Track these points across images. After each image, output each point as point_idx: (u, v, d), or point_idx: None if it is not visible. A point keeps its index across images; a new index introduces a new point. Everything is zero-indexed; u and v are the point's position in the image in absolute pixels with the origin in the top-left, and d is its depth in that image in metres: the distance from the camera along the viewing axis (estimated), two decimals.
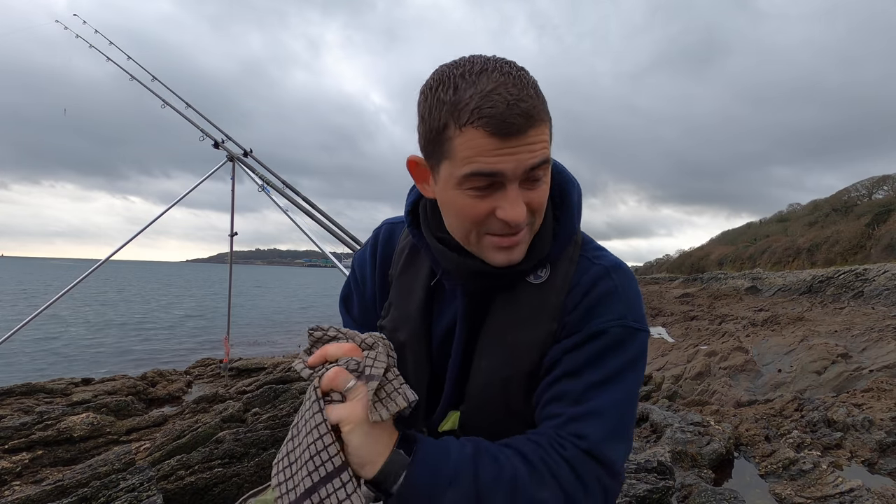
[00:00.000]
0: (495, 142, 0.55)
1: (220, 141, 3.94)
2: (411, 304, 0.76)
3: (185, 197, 4.06)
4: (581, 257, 0.71)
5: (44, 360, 8.84)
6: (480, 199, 0.59)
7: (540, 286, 0.68)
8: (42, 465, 2.51)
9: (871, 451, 3.13)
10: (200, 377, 4.91)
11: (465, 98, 0.56)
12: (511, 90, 0.55)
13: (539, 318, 0.67)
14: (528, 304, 0.68)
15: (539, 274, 0.69)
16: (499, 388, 0.68)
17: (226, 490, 2.01)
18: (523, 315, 0.68)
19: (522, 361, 0.67)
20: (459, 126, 0.56)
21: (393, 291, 0.80)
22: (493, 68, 0.57)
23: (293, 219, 3.57)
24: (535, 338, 0.67)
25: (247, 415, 2.98)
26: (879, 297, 12.63)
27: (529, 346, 0.66)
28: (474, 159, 0.56)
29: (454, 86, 0.57)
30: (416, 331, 0.75)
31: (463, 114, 0.56)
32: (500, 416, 0.69)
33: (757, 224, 45.53)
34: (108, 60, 3.96)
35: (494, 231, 0.62)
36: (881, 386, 4.37)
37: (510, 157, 0.56)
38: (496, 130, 0.55)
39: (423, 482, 0.55)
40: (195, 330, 14.00)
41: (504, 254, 0.63)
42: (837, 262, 21.56)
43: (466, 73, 0.57)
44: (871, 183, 31.70)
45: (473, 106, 0.55)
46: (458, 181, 0.59)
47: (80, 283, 3.62)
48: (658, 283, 34.64)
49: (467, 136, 0.56)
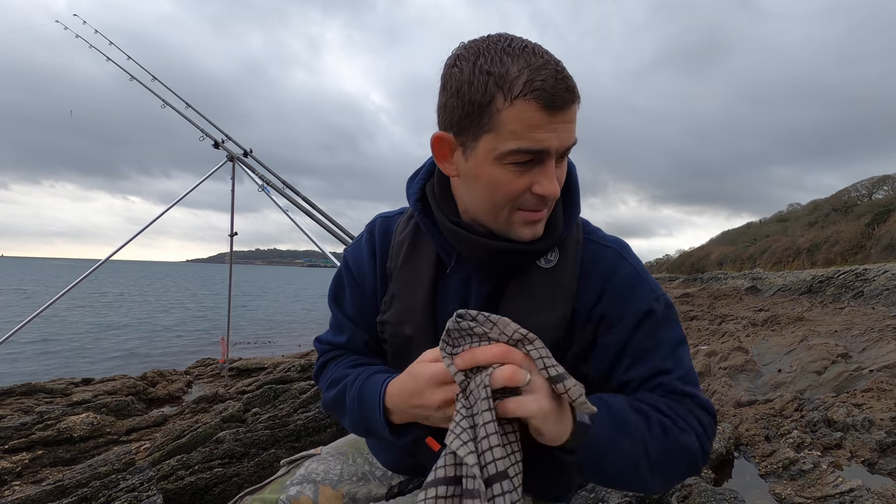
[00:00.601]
0: (545, 116, 0.56)
1: (220, 141, 3.94)
2: (416, 296, 0.75)
3: (186, 197, 4.07)
4: (586, 240, 0.73)
5: (44, 360, 8.83)
6: (521, 174, 0.60)
7: (551, 270, 0.70)
8: (42, 465, 2.51)
9: (871, 451, 3.13)
10: (200, 377, 4.91)
11: (513, 71, 0.55)
12: (558, 66, 0.57)
13: (554, 302, 0.69)
14: (541, 288, 0.69)
15: (549, 258, 0.70)
16: None
17: (226, 490, 2.01)
18: (538, 299, 0.69)
19: None
20: (511, 98, 0.56)
21: (395, 284, 0.78)
22: (533, 45, 0.58)
23: (293, 219, 3.57)
24: (550, 321, 0.68)
25: (247, 415, 2.98)
26: (879, 297, 12.62)
27: (546, 330, 0.67)
28: (524, 134, 0.57)
29: (500, 58, 0.56)
30: (422, 323, 0.74)
31: (515, 85, 0.55)
32: None
33: (757, 224, 45.51)
34: (108, 60, 3.96)
35: (527, 206, 0.63)
36: (881, 386, 4.36)
37: (555, 133, 0.57)
38: (548, 104, 0.55)
39: (603, 437, 0.60)
40: (195, 330, 14.00)
41: (531, 228, 0.66)
42: (837, 262, 21.55)
43: (509, 48, 0.57)
44: (871, 183, 31.67)
45: (526, 78, 0.55)
46: (501, 155, 0.59)
47: (80, 283, 3.63)
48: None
49: (518, 109, 0.56)
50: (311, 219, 3.75)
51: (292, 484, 0.83)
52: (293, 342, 11.77)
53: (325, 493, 0.82)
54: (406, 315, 0.76)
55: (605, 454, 0.60)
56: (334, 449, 0.93)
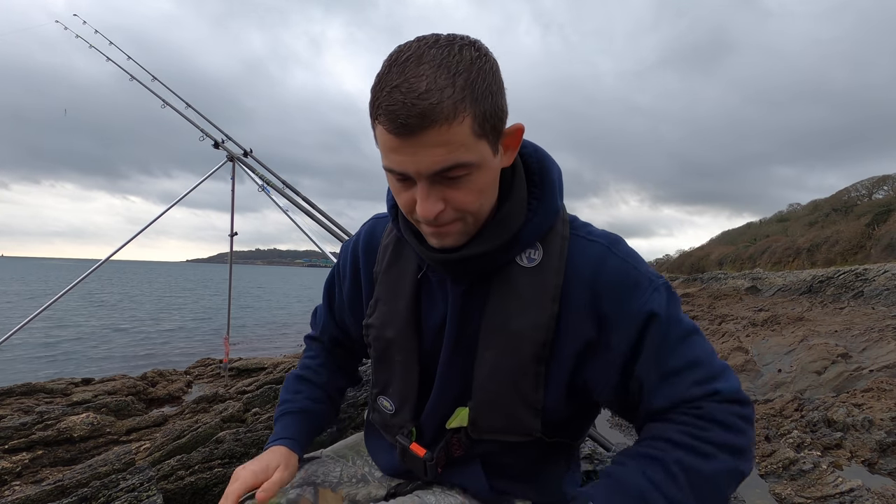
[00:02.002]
0: (395, 140, 0.54)
1: (220, 141, 3.94)
2: (399, 299, 0.75)
3: (186, 197, 4.06)
4: (573, 235, 0.69)
5: (44, 360, 8.84)
6: (405, 189, 0.60)
7: (535, 269, 0.67)
8: (42, 465, 2.51)
9: (871, 451, 3.13)
10: (200, 377, 4.91)
11: (377, 91, 0.55)
12: (418, 85, 0.51)
13: (540, 301, 0.66)
14: (526, 289, 0.67)
15: (532, 256, 0.67)
16: (507, 378, 0.67)
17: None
18: (523, 300, 0.67)
19: (528, 346, 0.66)
20: (374, 119, 0.56)
21: (379, 288, 0.79)
22: (417, 57, 0.53)
23: (293, 219, 3.57)
24: (536, 322, 0.66)
25: (247, 415, 2.98)
26: (879, 297, 12.62)
27: (533, 331, 0.66)
28: (385, 154, 0.57)
29: (379, 75, 0.55)
30: (404, 327, 0.74)
31: (373, 107, 0.55)
32: (511, 407, 0.68)
33: (757, 224, 45.52)
34: (108, 60, 3.96)
35: (420, 220, 0.62)
36: (881, 386, 4.36)
37: (409, 158, 0.54)
38: (392, 129, 0.53)
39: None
40: (195, 330, 14.00)
41: (437, 238, 0.64)
42: (837, 262, 21.55)
43: (393, 62, 0.54)
44: (871, 183, 31.67)
45: (380, 101, 0.54)
46: (386, 171, 0.60)
47: (80, 283, 3.62)
48: None
49: (378, 130, 0.56)
50: (310, 219, 3.75)
51: (292, 487, 0.83)
52: (293, 342, 11.77)
53: (326, 496, 0.82)
54: (389, 318, 0.76)
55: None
56: (334, 451, 0.94)
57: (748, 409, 0.64)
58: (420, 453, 0.75)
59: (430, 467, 0.75)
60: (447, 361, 0.72)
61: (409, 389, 0.76)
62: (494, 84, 0.56)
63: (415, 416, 0.76)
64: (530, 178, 0.69)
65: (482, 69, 0.55)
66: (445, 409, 0.73)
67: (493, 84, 0.56)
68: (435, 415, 0.74)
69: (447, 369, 0.72)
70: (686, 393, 0.64)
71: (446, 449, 0.74)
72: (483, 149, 0.57)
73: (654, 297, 0.65)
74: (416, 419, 0.76)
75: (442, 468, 0.76)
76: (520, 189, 0.67)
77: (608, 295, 0.65)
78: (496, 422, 0.70)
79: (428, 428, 0.76)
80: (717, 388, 0.64)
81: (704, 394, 0.63)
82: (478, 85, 0.54)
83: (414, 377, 0.75)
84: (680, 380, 0.64)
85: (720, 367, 0.66)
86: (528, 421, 0.68)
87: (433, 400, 0.74)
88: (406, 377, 0.76)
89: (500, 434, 0.70)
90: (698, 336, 0.66)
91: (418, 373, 0.75)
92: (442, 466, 0.76)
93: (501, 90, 0.58)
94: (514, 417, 0.69)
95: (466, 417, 0.71)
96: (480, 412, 0.70)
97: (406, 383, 0.76)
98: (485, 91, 0.55)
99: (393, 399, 0.78)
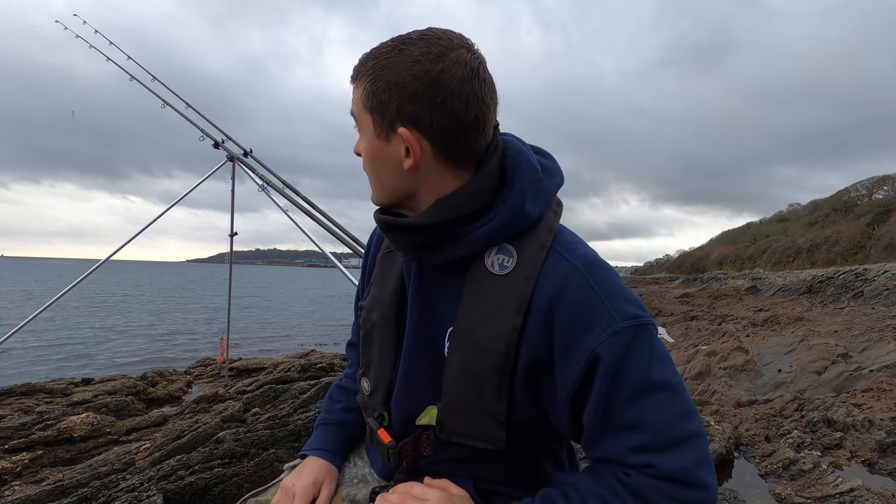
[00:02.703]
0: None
1: (220, 141, 3.94)
2: (387, 285, 0.77)
3: (186, 197, 4.06)
4: (552, 249, 0.66)
5: (44, 360, 8.84)
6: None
7: (505, 277, 0.65)
8: (42, 465, 2.51)
9: (871, 451, 3.13)
10: (200, 377, 4.91)
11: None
12: (371, 50, 0.66)
13: (504, 312, 0.64)
14: (493, 297, 0.65)
15: (504, 264, 0.66)
16: (470, 384, 0.67)
17: (226, 490, 2.01)
18: (488, 308, 0.65)
19: (490, 357, 0.64)
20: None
21: (375, 271, 0.83)
22: (390, 41, 0.65)
23: (293, 219, 3.57)
24: (499, 332, 0.64)
25: (247, 415, 2.98)
26: (879, 297, 12.62)
27: (494, 341, 0.64)
28: None
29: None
30: (386, 312, 0.76)
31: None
32: (475, 413, 0.68)
33: (757, 224, 45.55)
34: (108, 61, 3.96)
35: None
36: (881, 386, 4.36)
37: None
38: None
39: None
40: (195, 330, 14.00)
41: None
42: (837, 262, 21.55)
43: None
44: (871, 183, 31.69)
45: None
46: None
47: (80, 284, 3.62)
48: (658, 283, 34.65)
49: None
50: (310, 219, 3.76)
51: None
52: (293, 342, 11.77)
53: None
54: (375, 303, 0.78)
55: None
56: None
57: (695, 494, 0.58)
58: (385, 440, 0.75)
59: (393, 454, 0.75)
60: (408, 356, 0.72)
61: (383, 374, 0.77)
62: (407, 82, 0.61)
63: (386, 401, 0.77)
64: (504, 180, 0.68)
65: (402, 63, 0.62)
66: (413, 404, 0.73)
67: (404, 80, 0.62)
68: (401, 406, 0.74)
69: (409, 364, 0.72)
70: (619, 455, 0.61)
71: (415, 444, 0.74)
72: (368, 120, 0.67)
73: (607, 341, 0.59)
74: (386, 405, 0.77)
75: (408, 462, 0.75)
76: (477, 184, 0.66)
77: (560, 323, 0.61)
78: (462, 426, 0.69)
79: (396, 419, 0.76)
80: (652, 462, 0.58)
81: (637, 463, 0.59)
82: (385, 71, 0.63)
83: (388, 363, 0.76)
84: (617, 439, 0.60)
85: (674, 439, 0.59)
86: (493, 430, 0.67)
87: (397, 391, 0.74)
88: (381, 361, 0.77)
89: (467, 439, 0.69)
90: (663, 394, 0.59)
91: (393, 360, 0.75)
92: (409, 461, 0.75)
93: (424, 95, 0.61)
94: (478, 424, 0.68)
95: (435, 417, 0.71)
96: (447, 414, 0.69)
97: (381, 367, 0.77)
98: (387, 78, 0.63)
99: (371, 381, 0.79)
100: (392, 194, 0.70)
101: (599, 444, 0.63)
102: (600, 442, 0.63)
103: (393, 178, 0.68)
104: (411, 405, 0.73)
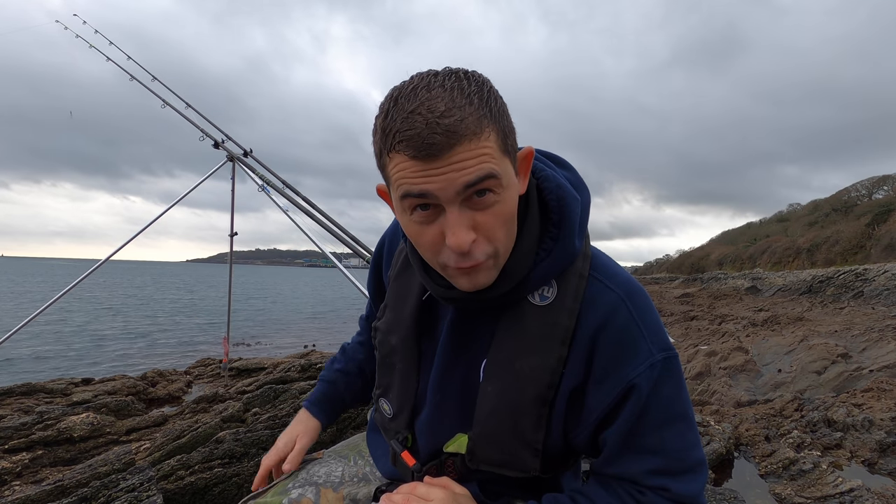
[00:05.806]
0: (419, 164, 0.52)
1: (220, 141, 3.94)
2: (405, 309, 0.75)
3: (186, 197, 4.06)
4: (592, 277, 0.66)
5: (44, 360, 8.84)
6: (427, 225, 0.57)
7: (547, 308, 0.64)
8: (42, 465, 2.51)
9: (871, 451, 3.13)
10: (200, 377, 4.91)
11: (390, 122, 0.53)
12: (437, 106, 0.51)
13: (548, 343, 0.63)
14: (535, 328, 0.64)
15: (545, 294, 0.65)
16: (507, 415, 0.65)
17: (226, 490, 2.01)
18: (530, 339, 0.64)
19: (531, 387, 0.64)
20: (388, 152, 0.54)
21: (389, 293, 0.80)
22: (425, 85, 0.53)
23: (293, 219, 3.57)
24: (544, 363, 0.63)
25: (247, 415, 2.98)
26: (879, 297, 12.63)
27: (539, 373, 0.63)
28: (402, 181, 0.54)
29: (385, 110, 0.54)
30: (407, 336, 0.74)
31: (388, 138, 0.54)
32: (509, 444, 0.66)
33: (757, 224, 45.55)
34: (108, 60, 3.96)
35: (449, 262, 0.59)
36: (881, 386, 4.36)
37: (438, 177, 0.52)
38: (416, 153, 0.52)
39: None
40: (195, 330, 14.00)
41: (467, 279, 0.60)
42: (837, 262, 21.56)
43: (398, 95, 0.54)
44: (871, 183, 31.70)
45: (395, 129, 0.52)
46: (402, 207, 0.57)
47: (80, 284, 3.62)
48: (658, 283, 34.63)
49: (395, 161, 0.54)
50: (310, 219, 3.76)
51: (294, 487, 0.83)
52: (293, 342, 11.77)
53: (327, 496, 0.82)
54: (394, 325, 0.76)
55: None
56: (335, 452, 0.94)
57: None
58: (410, 462, 0.74)
59: (418, 478, 0.74)
60: (439, 386, 0.70)
61: (406, 399, 0.75)
62: (504, 105, 0.57)
63: (409, 425, 0.76)
64: (547, 214, 0.65)
65: (492, 90, 0.55)
66: (442, 431, 0.72)
67: (504, 105, 0.57)
68: (428, 433, 0.73)
69: (439, 396, 0.71)
70: (637, 476, 0.64)
71: (439, 468, 0.73)
72: (508, 167, 0.56)
73: (645, 373, 0.61)
74: (410, 428, 0.76)
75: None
76: (532, 224, 0.64)
77: (604, 351, 0.63)
78: (494, 456, 0.68)
79: (422, 445, 0.75)
80: (667, 486, 0.63)
81: (653, 485, 0.63)
82: (492, 103, 0.54)
83: (411, 388, 0.74)
84: (636, 460, 0.63)
85: (687, 466, 0.63)
86: (527, 461, 0.67)
87: (426, 419, 0.73)
88: (404, 385, 0.75)
89: (497, 468, 0.69)
90: (682, 425, 0.64)
91: (416, 385, 0.74)
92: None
93: (509, 112, 0.58)
94: (512, 455, 0.67)
95: (465, 445, 0.69)
96: (479, 444, 0.68)
97: (404, 391, 0.75)
98: (500, 109, 0.55)
99: (392, 404, 0.78)
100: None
101: (617, 462, 0.65)
102: (618, 461, 0.65)
103: (515, 223, 0.61)
104: (439, 433, 0.72)
